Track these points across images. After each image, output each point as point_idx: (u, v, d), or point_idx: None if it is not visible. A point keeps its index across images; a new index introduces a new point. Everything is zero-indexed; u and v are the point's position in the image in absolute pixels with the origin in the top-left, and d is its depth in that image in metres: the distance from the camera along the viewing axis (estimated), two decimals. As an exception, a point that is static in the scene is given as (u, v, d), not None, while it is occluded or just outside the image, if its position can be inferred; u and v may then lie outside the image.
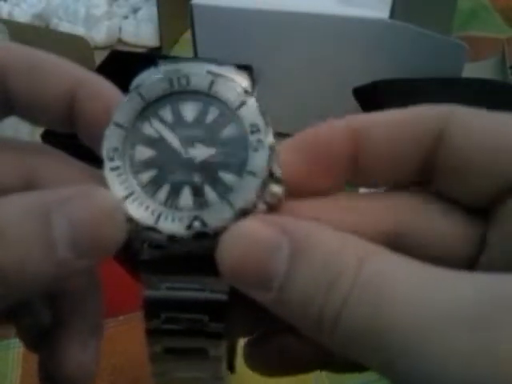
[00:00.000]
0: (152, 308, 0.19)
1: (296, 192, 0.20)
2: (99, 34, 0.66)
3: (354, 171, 0.20)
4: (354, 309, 0.15)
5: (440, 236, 0.18)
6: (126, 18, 0.69)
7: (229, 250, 0.17)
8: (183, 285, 0.19)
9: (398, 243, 0.18)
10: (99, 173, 0.19)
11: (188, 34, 0.53)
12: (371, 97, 0.46)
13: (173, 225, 0.18)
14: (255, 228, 0.17)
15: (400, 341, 0.14)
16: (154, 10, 0.64)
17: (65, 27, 0.67)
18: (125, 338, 0.39)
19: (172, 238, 0.18)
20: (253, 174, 0.18)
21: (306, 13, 0.47)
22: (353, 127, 0.19)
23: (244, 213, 0.18)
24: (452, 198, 0.19)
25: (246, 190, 0.18)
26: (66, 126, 0.21)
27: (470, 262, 0.18)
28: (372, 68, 0.47)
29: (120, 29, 0.68)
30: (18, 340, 0.39)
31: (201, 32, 0.50)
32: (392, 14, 0.45)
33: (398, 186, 0.20)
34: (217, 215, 0.18)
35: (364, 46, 0.47)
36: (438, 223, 0.19)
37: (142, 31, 0.67)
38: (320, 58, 0.49)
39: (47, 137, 0.46)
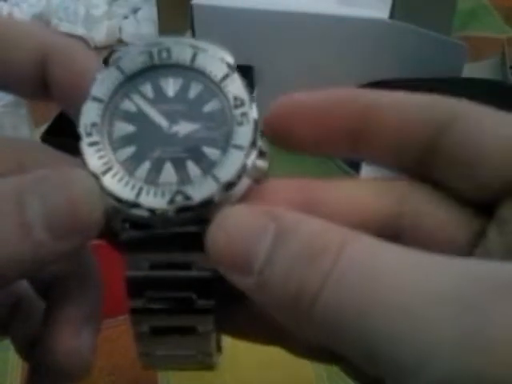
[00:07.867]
0: (135, 288, 0.18)
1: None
2: (99, 34, 0.66)
3: (353, 145, 0.19)
4: (336, 285, 0.14)
5: (439, 223, 0.18)
6: (126, 17, 0.68)
7: (215, 235, 0.16)
8: (168, 263, 0.18)
9: (396, 228, 0.18)
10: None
11: (188, 34, 0.53)
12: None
13: (155, 199, 0.17)
14: (243, 214, 0.16)
15: (385, 326, 0.13)
16: (154, 10, 0.64)
17: (65, 27, 0.67)
18: (125, 337, 0.39)
19: (154, 213, 0.17)
20: (238, 147, 0.18)
21: (306, 13, 0.47)
22: (363, 102, 0.19)
23: (229, 186, 0.17)
24: (453, 190, 0.18)
25: (231, 164, 0.17)
26: (40, 94, 0.20)
27: (468, 252, 0.18)
28: (372, 68, 0.47)
29: (120, 29, 0.67)
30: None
31: (201, 32, 0.50)
32: (392, 14, 0.45)
33: (396, 168, 0.19)
34: (201, 189, 0.17)
35: (364, 46, 0.47)
36: (438, 209, 0.18)
37: (142, 31, 0.66)
38: (320, 58, 0.49)
39: (47, 137, 0.46)
